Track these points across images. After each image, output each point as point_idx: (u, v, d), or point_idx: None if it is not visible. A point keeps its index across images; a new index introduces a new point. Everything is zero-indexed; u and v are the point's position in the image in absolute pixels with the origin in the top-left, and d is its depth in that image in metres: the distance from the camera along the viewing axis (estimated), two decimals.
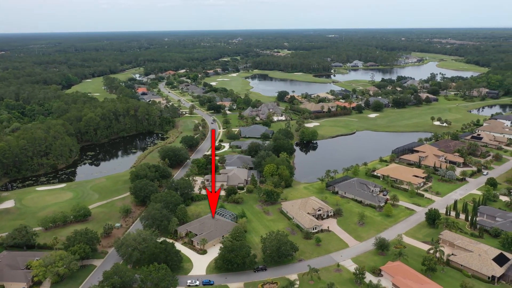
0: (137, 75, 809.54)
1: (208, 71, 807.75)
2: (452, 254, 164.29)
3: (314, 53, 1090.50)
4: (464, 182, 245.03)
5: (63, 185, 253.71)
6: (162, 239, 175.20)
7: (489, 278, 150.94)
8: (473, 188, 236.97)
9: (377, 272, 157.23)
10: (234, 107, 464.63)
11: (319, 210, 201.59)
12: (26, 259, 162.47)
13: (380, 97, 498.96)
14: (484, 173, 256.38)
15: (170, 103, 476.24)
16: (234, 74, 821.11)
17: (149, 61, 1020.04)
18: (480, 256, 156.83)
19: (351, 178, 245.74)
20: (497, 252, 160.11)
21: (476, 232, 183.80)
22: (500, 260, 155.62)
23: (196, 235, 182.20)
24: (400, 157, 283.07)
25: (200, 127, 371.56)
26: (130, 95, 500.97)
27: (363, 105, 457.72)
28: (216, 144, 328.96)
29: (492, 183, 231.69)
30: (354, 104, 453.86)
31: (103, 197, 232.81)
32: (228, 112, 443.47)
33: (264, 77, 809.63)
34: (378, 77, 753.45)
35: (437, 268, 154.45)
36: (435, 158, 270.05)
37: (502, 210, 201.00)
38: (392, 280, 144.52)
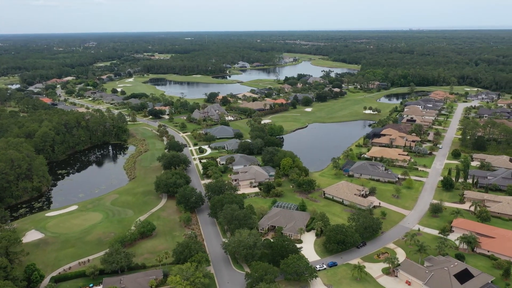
0: (16, 85, 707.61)
1: (102, 77, 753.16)
2: (485, 205, 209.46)
3: (197, 55, 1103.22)
4: (433, 156, 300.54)
5: (74, 207, 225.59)
6: None
7: None
8: (443, 158, 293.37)
9: (448, 229, 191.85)
10: (173, 111, 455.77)
11: (363, 191, 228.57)
12: (146, 279, 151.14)
13: (299, 93, 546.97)
14: (440, 147, 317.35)
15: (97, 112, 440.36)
16: (131, 79, 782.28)
17: (14, 69, 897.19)
18: (509, 204, 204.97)
19: (354, 162, 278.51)
20: None
21: (482, 190, 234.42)
22: None
23: (282, 227, 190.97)
24: (372, 141, 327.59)
25: (164, 135, 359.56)
26: (45, 107, 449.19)
27: (293, 101, 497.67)
28: (196, 147, 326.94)
29: (457, 153, 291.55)
30: (289, 101, 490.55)
31: (138, 211, 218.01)
32: (170, 117, 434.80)
33: (161, 81, 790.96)
34: (264, 76, 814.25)
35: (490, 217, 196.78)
36: (402, 139, 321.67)
37: (484, 171, 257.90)
38: (477, 230, 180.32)
